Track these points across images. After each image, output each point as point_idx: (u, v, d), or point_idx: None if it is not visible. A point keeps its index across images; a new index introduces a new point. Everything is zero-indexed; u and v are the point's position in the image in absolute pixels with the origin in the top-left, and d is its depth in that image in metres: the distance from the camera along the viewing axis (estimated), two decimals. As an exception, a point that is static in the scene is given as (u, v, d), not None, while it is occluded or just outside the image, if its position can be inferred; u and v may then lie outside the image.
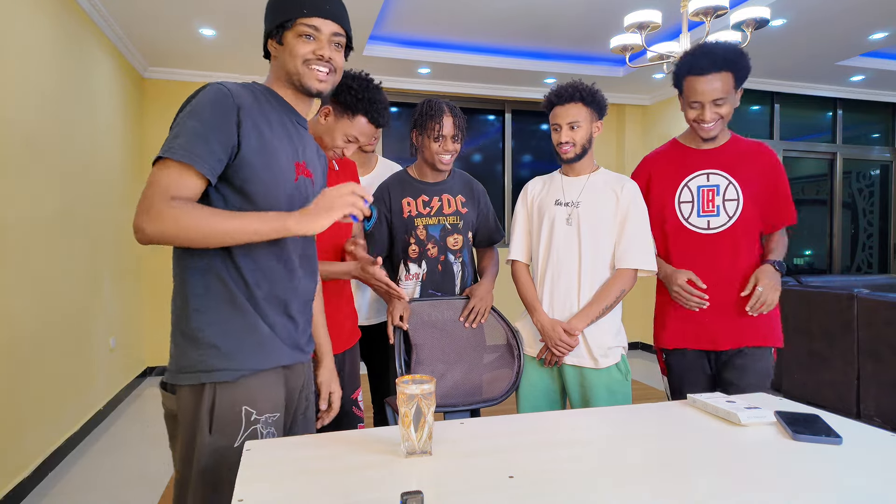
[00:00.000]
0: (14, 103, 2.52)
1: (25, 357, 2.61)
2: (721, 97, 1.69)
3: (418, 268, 1.96)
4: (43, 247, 2.80)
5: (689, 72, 1.71)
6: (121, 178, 4.18)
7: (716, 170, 1.80)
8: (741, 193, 1.77)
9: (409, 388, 0.99)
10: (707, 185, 1.79)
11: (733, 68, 1.68)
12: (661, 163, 1.88)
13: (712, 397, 1.29)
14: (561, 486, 0.88)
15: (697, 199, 1.80)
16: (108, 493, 2.65)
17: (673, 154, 1.88)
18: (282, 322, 1.20)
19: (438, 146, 1.90)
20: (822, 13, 3.70)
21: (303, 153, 1.27)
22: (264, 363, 1.15)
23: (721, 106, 1.70)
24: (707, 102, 1.69)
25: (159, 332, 4.84)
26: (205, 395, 1.10)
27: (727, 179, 1.78)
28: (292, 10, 1.17)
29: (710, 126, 1.73)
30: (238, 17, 3.68)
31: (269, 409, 1.15)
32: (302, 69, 1.20)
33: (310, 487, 0.87)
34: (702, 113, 1.71)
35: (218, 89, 1.12)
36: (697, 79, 1.69)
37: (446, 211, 1.98)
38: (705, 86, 1.68)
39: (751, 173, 1.79)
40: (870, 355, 3.48)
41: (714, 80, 1.67)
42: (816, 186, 5.86)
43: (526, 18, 4.01)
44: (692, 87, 1.71)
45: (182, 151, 1.05)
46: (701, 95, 1.69)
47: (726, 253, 1.79)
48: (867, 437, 1.11)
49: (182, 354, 1.12)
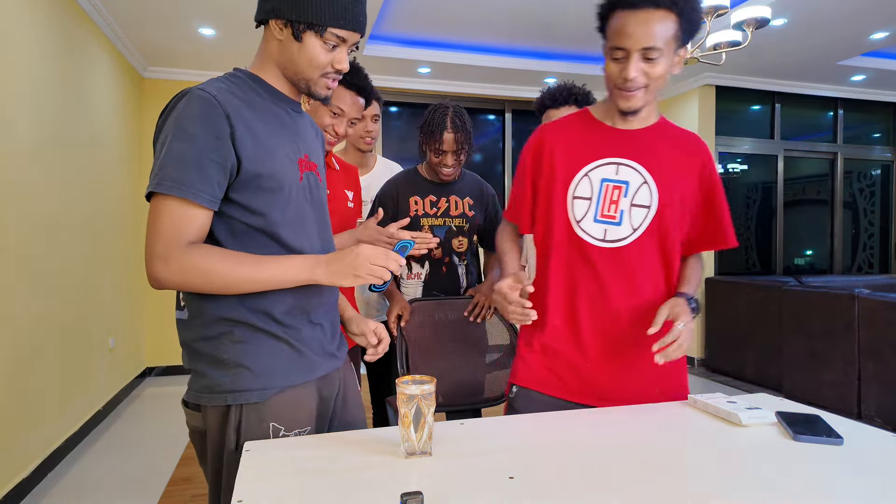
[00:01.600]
0: (13, 103, 2.51)
1: (25, 357, 2.61)
2: (655, 46, 1.16)
3: (421, 268, 1.96)
4: (42, 247, 2.80)
5: (617, 3, 1.20)
6: (120, 177, 4.18)
7: (629, 160, 1.29)
8: (657, 198, 1.28)
9: (409, 389, 0.99)
10: (614, 179, 1.29)
11: (678, 9, 1.17)
12: (559, 138, 1.34)
13: (713, 397, 1.29)
14: (561, 486, 0.88)
15: (598, 196, 1.29)
16: (107, 493, 2.65)
17: (578, 128, 1.35)
18: (309, 332, 1.14)
19: (439, 160, 1.90)
20: (823, 13, 3.70)
21: (303, 145, 1.17)
22: (296, 379, 1.10)
23: (653, 62, 1.18)
24: (634, 50, 1.17)
25: (159, 333, 4.84)
26: (231, 414, 1.06)
27: (642, 176, 1.28)
28: (328, 16, 1.04)
29: (632, 89, 1.21)
30: (238, 16, 3.68)
31: (299, 424, 1.10)
32: (315, 78, 1.10)
33: (309, 488, 0.87)
34: (625, 67, 1.19)
35: (202, 99, 1.00)
36: (627, 14, 1.17)
37: (453, 213, 1.98)
38: (636, 26, 1.16)
39: (677, 173, 1.30)
40: (871, 355, 3.47)
41: (650, 18, 1.15)
42: (817, 186, 5.85)
43: (526, 18, 4.00)
44: (617, 26, 1.19)
45: (176, 186, 0.96)
46: (627, 39, 1.17)
47: (622, 278, 1.30)
48: (868, 437, 1.11)
49: (204, 375, 1.07)
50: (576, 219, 1.30)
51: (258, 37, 1.18)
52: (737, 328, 4.78)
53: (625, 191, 1.28)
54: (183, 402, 1.12)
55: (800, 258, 5.85)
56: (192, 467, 2.92)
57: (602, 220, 1.29)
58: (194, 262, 0.98)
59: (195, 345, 1.08)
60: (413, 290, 1.97)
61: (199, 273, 0.98)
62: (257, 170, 1.04)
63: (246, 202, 1.05)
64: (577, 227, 1.30)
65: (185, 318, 1.10)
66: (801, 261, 5.85)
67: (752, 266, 5.72)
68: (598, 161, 1.29)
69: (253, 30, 3.94)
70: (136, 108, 4.64)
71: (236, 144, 1.01)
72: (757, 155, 5.61)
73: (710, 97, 5.25)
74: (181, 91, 1.03)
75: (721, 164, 5.50)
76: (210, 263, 0.98)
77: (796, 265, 5.83)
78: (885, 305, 3.39)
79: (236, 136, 1.01)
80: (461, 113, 1.91)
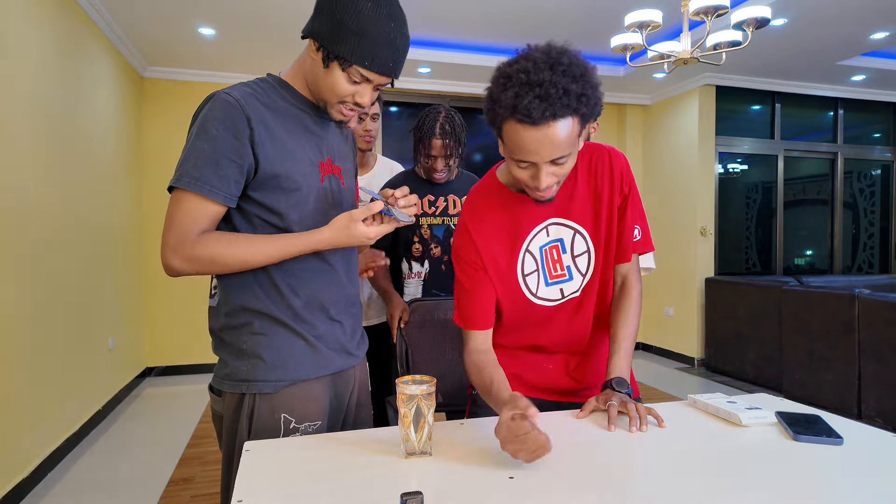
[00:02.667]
0: (13, 102, 2.51)
1: (25, 357, 2.61)
2: (563, 154, 1.05)
3: (421, 267, 1.97)
4: (42, 247, 2.80)
5: (512, 116, 1.02)
6: (120, 177, 4.18)
7: (554, 218, 1.26)
8: (590, 240, 1.27)
9: (409, 389, 0.99)
10: (549, 241, 1.26)
11: (578, 111, 1.03)
12: (485, 231, 1.26)
13: (713, 397, 1.29)
14: (561, 487, 0.88)
15: (542, 264, 1.27)
16: (107, 493, 2.65)
17: (498, 210, 1.26)
18: (327, 328, 1.18)
19: (429, 165, 1.94)
20: (823, 13, 3.70)
21: (327, 149, 1.21)
22: (309, 373, 1.15)
23: (563, 162, 1.08)
24: (543, 164, 1.06)
25: (159, 333, 4.85)
26: (245, 402, 1.11)
27: (570, 228, 1.26)
28: (356, 55, 1.05)
29: (544, 193, 1.13)
30: (237, 16, 3.68)
31: (310, 417, 1.14)
32: (332, 103, 1.13)
33: (309, 488, 0.87)
34: (536, 176, 1.09)
35: (225, 101, 1.05)
36: (527, 129, 1.02)
37: (451, 211, 2.00)
38: (539, 143, 1.02)
39: (598, 205, 1.27)
40: (871, 355, 3.47)
41: (553, 130, 1.01)
42: (817, 186, 5.86)
43: (526, 18, 4.00)
44: (518, 140, 1.04)
45: (194, 182, 1.03)
46: (534, 155, 1.04)
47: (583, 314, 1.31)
48: (868, 437, 1.10)
49: (226, 364, 1.14)
50: (532, 292, 1.28)
51: (258, 37, 1.20)
52: (737, 328, 4.78)
53: (562, 247, 1.28)
54: (209, 386, 1.19)
55: (800, 258, 5.85)
56: (192, 467, 2.92)
57: (554, 282, 1.28)
58: (202, 252, 1.04)
59: (221, 333, 1.15)
60: (413, 290, 1.97)
61: (211, 259, 1.05)
62: (275, 171, 1.09)
63: (265, 201, 1.10)
64: (534, 298, 1.28)
65: (214, 305, 1.17)
66: (801, 261, 5.85)
67: (752, 266, 5.72)
68: (529, 234, 1.26)
69: (253, 30, 3.95)
70: (136, 107, 4.64)
71: (255, 146, 1.06)
72: (757, 155, 5.61)
73: (710, 97, 5.25)
74: (209, 95, 1.09)
75: (721, 164, 5.51)
76: (220, 246, 1.05)
77: (796, 265, 5.83)
78: (885, 305, 3.39)
79: (255, 138, 1.06)
80: (452, 118, 1.92)
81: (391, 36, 1.06)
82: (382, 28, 1.05)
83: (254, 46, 4.21)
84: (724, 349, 4.94)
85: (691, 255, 5.30)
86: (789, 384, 4.08)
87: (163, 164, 4.79)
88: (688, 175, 5.34)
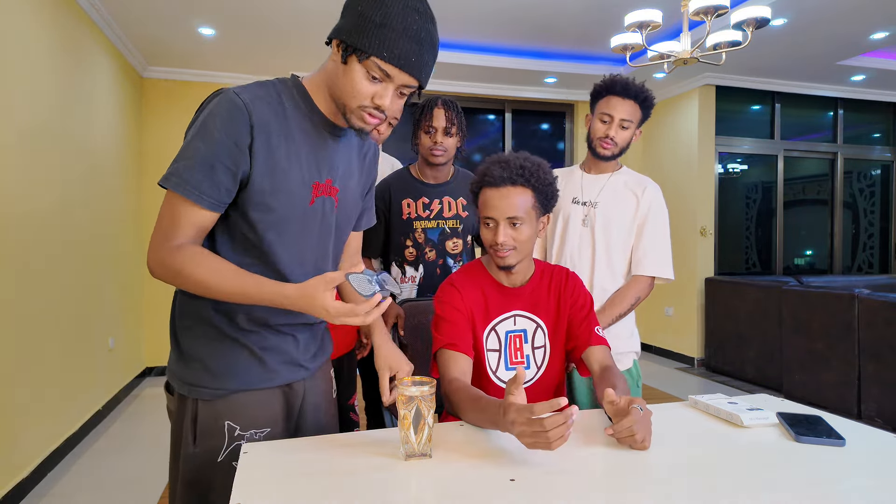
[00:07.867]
0: (13, 102, 2.51)
1: (24, 357, 2.61)
2: (517, 215, 1.33)
3: (415, 271, 1.94)
4: (42, 246, 2.80)
5: (483, 183, 1.37)
6: (120, 177, 4.17)
7: (521, 311, 1.45)
8: (548, 336, 1.45)
9: (409, 390, 0.99)
10: (514, 329, 1.44)
11: (532, 185, 1.34)
12: (469, 299, 1.43)
13: (713, 398, 1.29)
14: (562, 488, 0.87)
15: (504, 347, 1.43)
16: (106, 493, 2.64)
17: (480, 287, 1.45)
18: (276, 341, 1.13)
19: (430, 139, 1.88)
20: (823, 13, 3.69)
21: (329, 168, 1.13)
22: (253, 384, 1.10)
23: (518, 228, 1.34)
24: (501, 220, 1.34)
25: (158, 333, 4.84)
26: (188, 405, 1.09)
27: (534, 322, 1.45)
28: (374, 46, 0.98)
29: (503, 252, 1.36)
30: (238, 16, 3.68)
31: (257, 425, 1.10)
32: (352, 107, 1.04)
33: (308, 490, 0.86)
34: (496, 232, 1.35)
35: (232, 103, 1.00)
36: (492, 191, 1.34)
37: (446, 214, 1.96)
38: (499, 200, 1.33)
39: (561, 309, 1.46)
40: (871, 356, 3.47)
41: (510, 193, 1.33)
42: (817, 186, 5.85)
43: (526, 18, 4.00)
44: (485, 199, 1.36)
45: (183, 186, 0.99)
46: (494, 210, 1.34)
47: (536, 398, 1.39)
48: (870, 438, 1.10)
49: (174, 361, 1.12)
50: (491, 369, 1.43)
51: (258, 37, 1.18)
52: (737, 328, 4.78)
53: (524, 337, 1.45)
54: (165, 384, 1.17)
55: (800, 258, 5.85)
56: (192, 468, 2.91)
57: (513, 368, 1.43)
58: (172, 261, 1.00)
59: (175, 331, 1.13)
60: (408, 295, 1.95)
61: (175, 273, 1.01)
62: (262, 184, 1.04)
63: (247, 212, 1.05)
64: (493, 376, 1.43)
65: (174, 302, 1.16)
66: (801, 261, 5.85)
67: (752, 266, 5.72)
68: (500, 316, 1.44)
69: (253, 30, 3.94)
70: (136, 107, 4.63)
71: (252, 155, 1.02)
72: (757, 155, 5.61)
73: (710, 97, 5.24)
74: (218, 90, 1.05)
75: (721, 164, 5.50)
76: (188, 267, 1.00)
77: (796, 265, 5.82)
78: (885, 305, 3.39)
79: (254, 147, 1.02)
80: (453, 101, 1.93)
81: (414, 28, 0.98)
82: (405, 19, 0.98)
83: (254, 46, 4.20)
84: (724, 349, 4.93)
85: (691, 255, 5.29)
86: (789, 384, 4.08)
87: (162, 164, 4.77)
88: (688, 175, 5.34)
